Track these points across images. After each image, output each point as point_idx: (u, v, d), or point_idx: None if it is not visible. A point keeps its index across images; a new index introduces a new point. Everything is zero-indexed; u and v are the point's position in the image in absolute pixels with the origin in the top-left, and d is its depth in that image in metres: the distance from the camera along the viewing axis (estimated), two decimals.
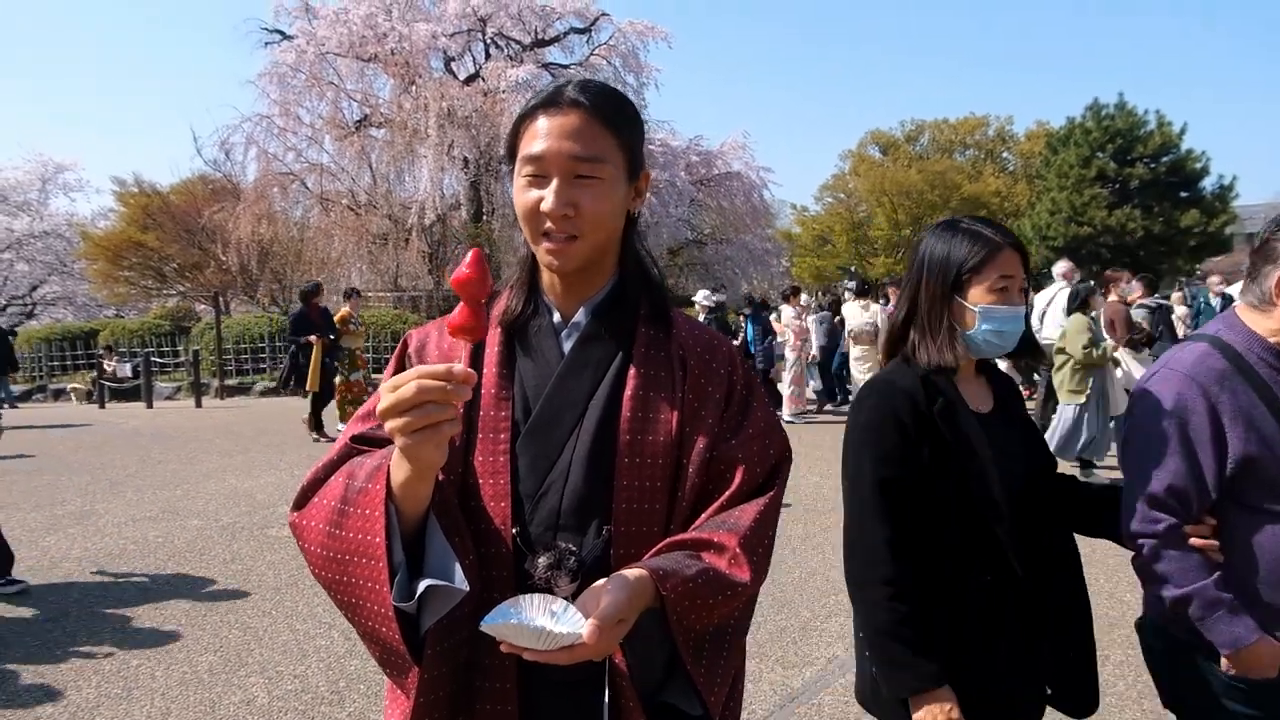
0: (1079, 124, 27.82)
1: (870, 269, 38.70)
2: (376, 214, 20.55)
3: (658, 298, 1.33)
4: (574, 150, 1.16)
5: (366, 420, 1.27)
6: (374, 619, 1.08)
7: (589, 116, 1.18)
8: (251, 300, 25.75)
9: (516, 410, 1.24)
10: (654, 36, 21.62)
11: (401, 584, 1.06)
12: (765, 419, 1.31)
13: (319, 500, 1.16)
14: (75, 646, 4.10)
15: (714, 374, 1.29)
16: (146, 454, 9.79)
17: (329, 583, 1.13)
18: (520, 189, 1.20)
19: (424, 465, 1.01)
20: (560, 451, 1.21)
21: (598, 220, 1.19)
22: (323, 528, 1.13)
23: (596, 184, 1.18)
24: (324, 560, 1.12)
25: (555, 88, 1.21)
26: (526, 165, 1.19)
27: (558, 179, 1.17)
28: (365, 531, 1.07)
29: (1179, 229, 25.78)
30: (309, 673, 3.77)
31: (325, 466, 1.21)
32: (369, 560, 1.06)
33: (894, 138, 48.59)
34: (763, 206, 25.93)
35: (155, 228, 26.24)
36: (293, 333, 10.64)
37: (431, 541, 1.09)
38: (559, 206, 1.16)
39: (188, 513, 6.73)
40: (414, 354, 1.32)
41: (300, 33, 19.97)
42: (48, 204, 33.62)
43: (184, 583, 5.01)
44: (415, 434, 0.96)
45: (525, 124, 1.21)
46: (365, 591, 1.08)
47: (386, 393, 0.97)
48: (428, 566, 1.08)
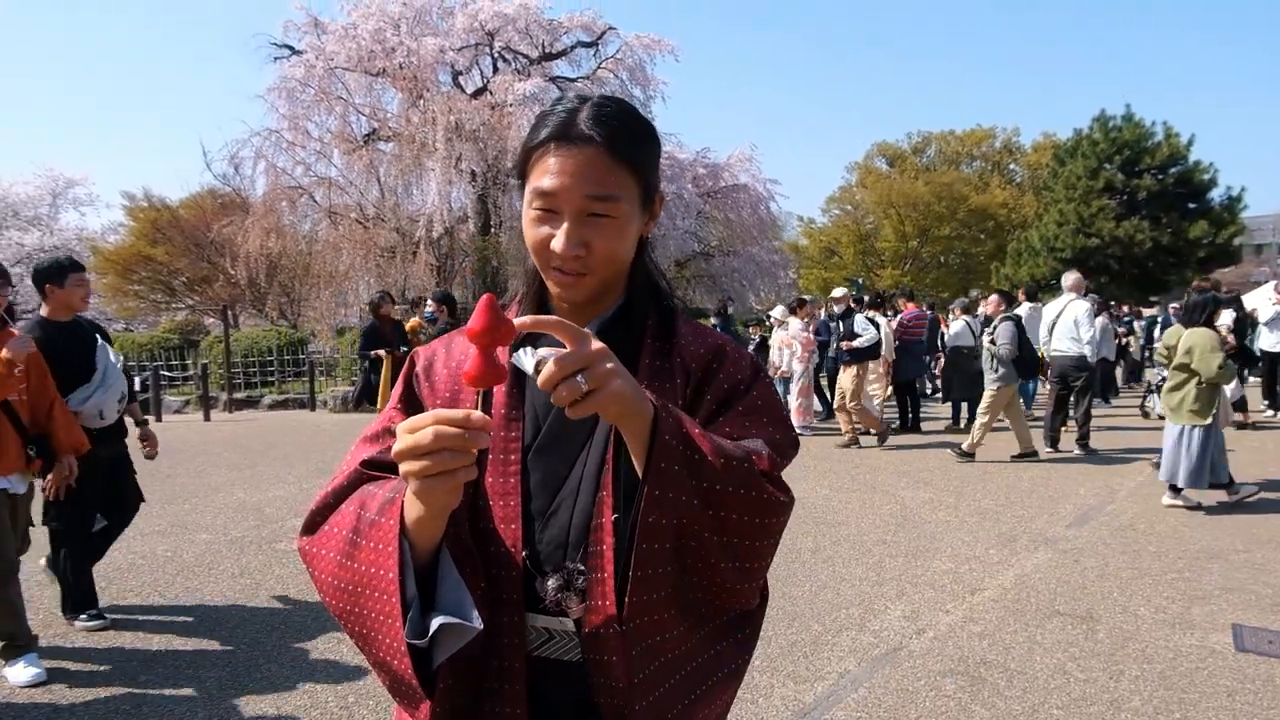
0: (1086, 135, 27.88)
1: (878, 280, 38.71)
2: (384, 227, 20.61)
3: (665, 310, 1.31)
4: (587, 190, 1.12)
5: (375, 442, 1.25)
6: (386, 652, 1.06)
7: (604, 152, 1.13)
8: (260, 314, 25.86)
9: (527, 431, 1.22)
10: (661, 50, 21.67)
11: (414, 620, 1.05)
12: (771, 411, 1.27)
13: (330, 528, 1.15)
14: (80, 664, 4.08)
15: (715, 379, 1.26)
16: (154, 468, 9.74)
17: (340, 612, 1.12)
18: (530, 221, 1.17)
19: (437, 507, 1.00)
20: (570, 469, 1.20)
21: (610, 258, 1.17)
22: (334, 557, 1.12)
23: (610, 222, 1.15)
24: (335, 590, 1.11)
25: (567, 116, 1.15)
26: (537, 199, 1.15)
27: (569, 219, 1.13)
28: (378, 565, 1.05)
29: (1187, 240, 25.78)
30: (318, 688, 3.75)
31: (335, 492, 1.19)
32: (381, 594, 1.05)
33: (901, 150, 48.71)
34: (770, 218, 25.93)
35: (164, 242, 26.43)
36: (362, 348, 10.21)
37: (445, 576, 1.08)
38: (570, 248, 1.13)
39: (196, 527, 6.73)
40: (421, 373, 1.30)
41: (309, 48, 20.09)
42: (58, 219, 33.75)
43: (192, 598, 4.99)
44: (430, 479, 0.95)
45: (536, 155, 1.16)
46: (377, 624, 1.06)
47: (403, 434, 0.95)
48: (441, 601, 1.07)
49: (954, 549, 5.68)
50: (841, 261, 44.02)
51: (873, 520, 6.53)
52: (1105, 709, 3.43)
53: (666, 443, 1.05)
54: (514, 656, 1.16)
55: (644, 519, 1.05)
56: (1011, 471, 8.49)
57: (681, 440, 1.07)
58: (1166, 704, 3.47)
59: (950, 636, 4.21)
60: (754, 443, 1.19)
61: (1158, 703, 3.48)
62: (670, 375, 1.25)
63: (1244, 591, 4.77)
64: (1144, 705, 3.46)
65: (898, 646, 4.09)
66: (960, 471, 8.54)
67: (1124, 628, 4.28)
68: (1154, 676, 3.72)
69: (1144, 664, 3.84)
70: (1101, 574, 5.11)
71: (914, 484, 7.94)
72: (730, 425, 1.23)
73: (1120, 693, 3.57)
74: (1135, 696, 3.54)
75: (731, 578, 1.15)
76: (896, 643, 4.14)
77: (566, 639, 1.17)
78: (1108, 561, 5.36)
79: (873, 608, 4.60)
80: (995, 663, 3.88)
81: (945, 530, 6.18)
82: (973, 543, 5.83)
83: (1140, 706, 3.45)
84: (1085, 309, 9.32)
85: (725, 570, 1.14)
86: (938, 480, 8.10)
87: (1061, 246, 26.70)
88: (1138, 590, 4.82)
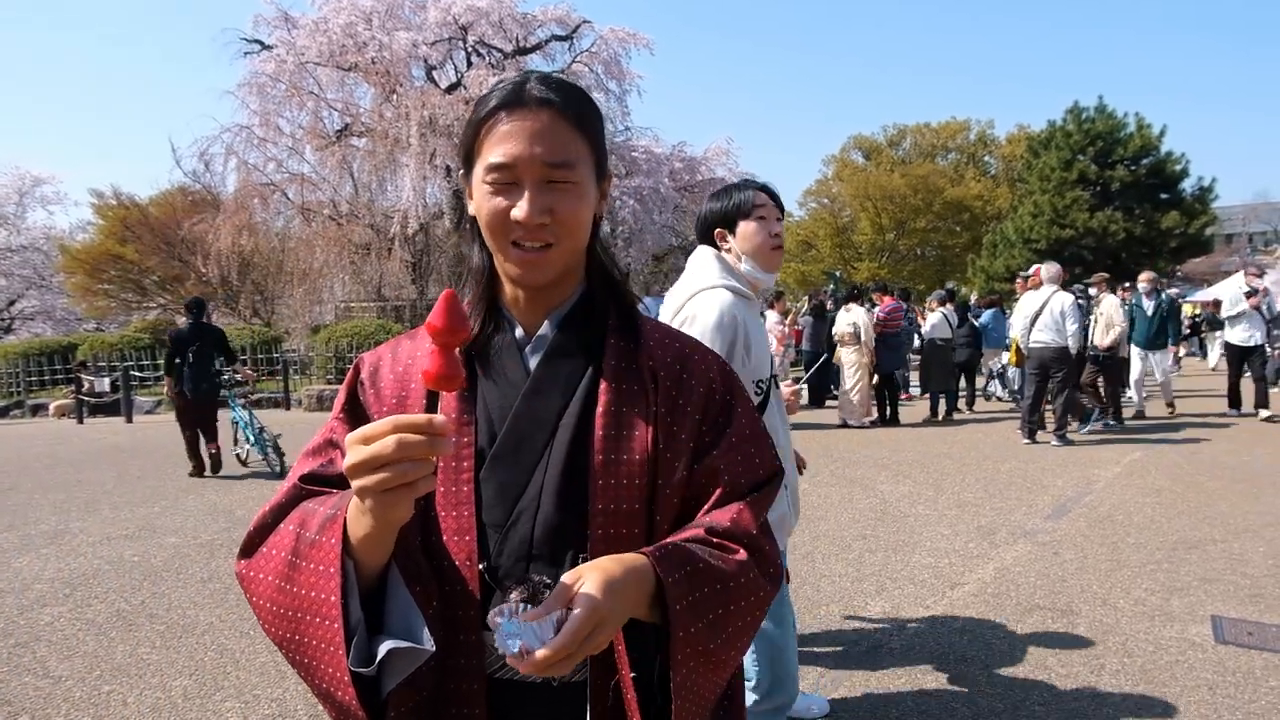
0: (1060, 127, 28.02)
1: (855, 273, 38.78)
2: (359, 224, 20.42)
3: (625, 305, 1.23)
4: (547, 155, 1.06)
5: (315, 456, 1.17)
6: (329, 682, 0.98)
7: (559, 116, 1.08)
8: (233, 312, 25.55)
9: (481, 436, 1.13)
10: (636, 43, 21.58)
11: (360, 644, 0.97)
12: (750, 426, 1.21)
13: (267, 550, 1.06)
14: (45, 673, 3.97)
15: (687, 387, 1.18)
16: (125, 470, 9.61)
17: (280, 640, 1.03)
18: (484, 196, 1.09)
19: (390, 522, 0.92)
20: (530, 476, 1.11)
21: (574, 226, 1.11)
22: (272, 580, 1.03)
23: (571, 188, 1.09)
24: (274, 616, 1.03)
25: (517, 84, 1.10)
26: (492, 173, 1.07)
27: (530, 186, 1.07)
28: (318, 589, 0.97)
29: (1160, 231, 25.98)
30: (287, 696, 3.65)
31: (273, 510, 1.10)
32: (322, 620, 0.97)
33: (876, 142, 48.88)
34: None
35: (134, 240, 26.03)
36: None
37: (394, 596, 1.00)
38: (535, 215, 1.06)
39: (165, 530, 6.59)
40: (366, 379, 1.21)
41: (279, 42, 19.85)
42: (25, 218, 33.34)
43: (159, 603, 4.87)
44: (387, 494, 0.86)
45: (486, 126, 1.09)
46: (319, 653, 0.98)
47: (356, 446, 0.87)
48: (389, 624, 0.99)
49: (934, 543, 5.65)
50: (819, 254, 44.11)
51: (852, 515, 6.50)
52: (1087, 703, 3.40)
53: (678, 614, 1.01)
54: (472, 678, 1.09)
55: (677, 679, 1.03)
56: (990, 463, 8.49)
57: (691, 601, 1.03)
58: (1148, 697, 3.44)
59: (931, 632, 4.17)
60: (741, 516, 1.13)
61: (1139, 696, 3.45)
62: (637, 376, 1.17)
63: (1222, 582, 4.77)
64: (1125, 699, 3.43)
65: (878, 644, 4.05)
66: (939, 464, 8.54)
67: (1104, 621, 4.26)
68: (1135, 670, 3.70)
69: (1124, 657, 3.82)
70: (1080, 566, 5.10)
71: (893, 477, 7.92)
72: (724, 462, 1.16)
73: (1102, 687, 3.54)
74: (1116, 691, 3.51)
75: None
76: (877, 640, 4.10)
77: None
78: (1086, 554, 5.36)
79: (852, 604, 4.56)
80: (976, 659, 3.84)
81: (925, 524, 6.16)
82: (952, 536, 5.81)
83: (1121, 701, 3.42)
84: (1070, 301, 9.38)
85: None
86: (916, 473, 8.09)
87: (1036, 238, 26.82)
88: (1117, 582, 4.81)
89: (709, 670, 1.06)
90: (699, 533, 1.10)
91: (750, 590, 1.09)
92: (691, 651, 1.02)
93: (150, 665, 4.02)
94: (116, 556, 5.86)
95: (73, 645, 4.29)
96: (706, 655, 1.05)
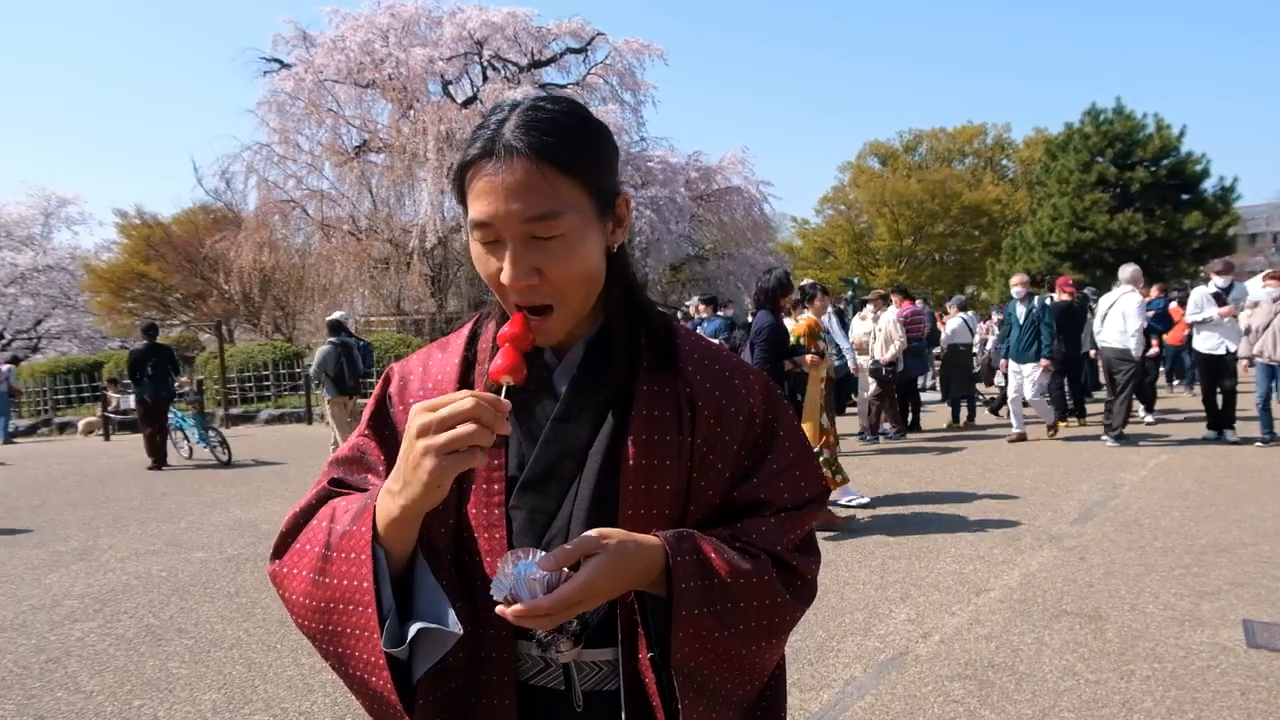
0: (1077, 129, 27.85)
1: (873, 280, 38.64)
2: (378, 239, 20.58)
3: (659, 327, 1.18)
4: (524, 211, 0.98)
5: (344, 467, 1.19)
6: (363, 668, 1.00)
7: (534, 165, 0.98)
8: (255, 328, 25.83)
9: (511, 461, 1.13)
10: (650, 54, 21.71)
11: (392, 629, 0.99)
12: (795, 449, 1.19)
13: (300, 546, 1.09)
14: (76, 688, 4.01)
15: (728, 415, 1.14)
16: (151, 486, 9.72)
17: (314, 633, 1.05)
18: (477, 253, 1.05)
19: (426, 499, 0.93)
20: (560, 504, 1.11)
21: (569, 283, 1.04)
22: (306, 575, 1.05)
23: (558, 243, 1.01)
24: (308, 610, 1.05)
25: (494, 129, 1.02)
26: (476, 229, 1.03)
27: (511, 244, 1.00)
28: (352, 576, 1.00)
29: (1182, 231, 25.74)
30: (314, 709, 3.68)
31: (303, 511, 1.13)
32: (357, 606, 0.99)
33: (892, 148, 48.76)
34: (763, 220, 25.95)
35: (157, 258, 26.39)
36: None
37: (421, 582, 1.02)
38: (520, 276, 1.00)
39: (192, 545, 6.66)
40: (395, 393, 1.20)
41: (298, 61, 20.10)
42: (51, 238, 33.89)
43: (187, 618, 4.92)
44: (451, 456, 0.89)
45: (469, 175, 1.03)
46: (353, 640, 1.00)
47: (423, 412, 0.92)
48: (417, 609, 1.01)
49: (958, 549, 5.62)
50: (836, 261, 43.99)
51: (874, 521, 6.46)
52: (1117, 710, 3.36)
53: (683, 592, 1.02)
54: (503, 694, 1.10)
55: (676, 658, 1.04)
56: (1014, 468, 8.43)
57: (700, 586, 1.04)
58: (1179, 704, 3.40)
59: (957, 639, 4.14)
60: (773, 528, 1.13)
61: (1170, 703, 3.41)
62: (672, 402, 1.13)
63: (1253, 586, 4.71)
64: (1156, 706, 3.39)
65: (904, 651, 4.03)
66: (961, 470, 8.48)
67: (1133, 626, 4.21)
68: (1165, 676, 3.66)
69: (1155, 663, 3.77)
70: (1108, 571, 5.05)
71: (915, 483, 7.87)
72: (765, 491, 1.15)
73: (1132, 693, 3.50)
74: (1147, 697, 3.47)
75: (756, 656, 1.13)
76: (902, 647, 4.07)
77: (557, 670, 1.12)
78: (1114, 558, 5.30)
79: (877, 612, 4.54)
80: (1003, 665, 3.81)
81: (948, 530, 6.12)
82: (976, 542, 5.77)
83: (1153, 707, 3.38)
84: (1137, 303, 9.42)
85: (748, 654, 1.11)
86: (939, 479, 8.04)
87: (1056, 241, 26.65)
88: (1145, 587, 4.76)
89: (721, 665, 1.07)
90: (725, 532, 1.11)
91: (765, 592, 1.08)
92: (694, 634, 1.03)
93: (180, 680, 4.05)
94: (144, 572, 5.92)
95: (103, 660, 4.34)
96: (714, 645, 1.05)
